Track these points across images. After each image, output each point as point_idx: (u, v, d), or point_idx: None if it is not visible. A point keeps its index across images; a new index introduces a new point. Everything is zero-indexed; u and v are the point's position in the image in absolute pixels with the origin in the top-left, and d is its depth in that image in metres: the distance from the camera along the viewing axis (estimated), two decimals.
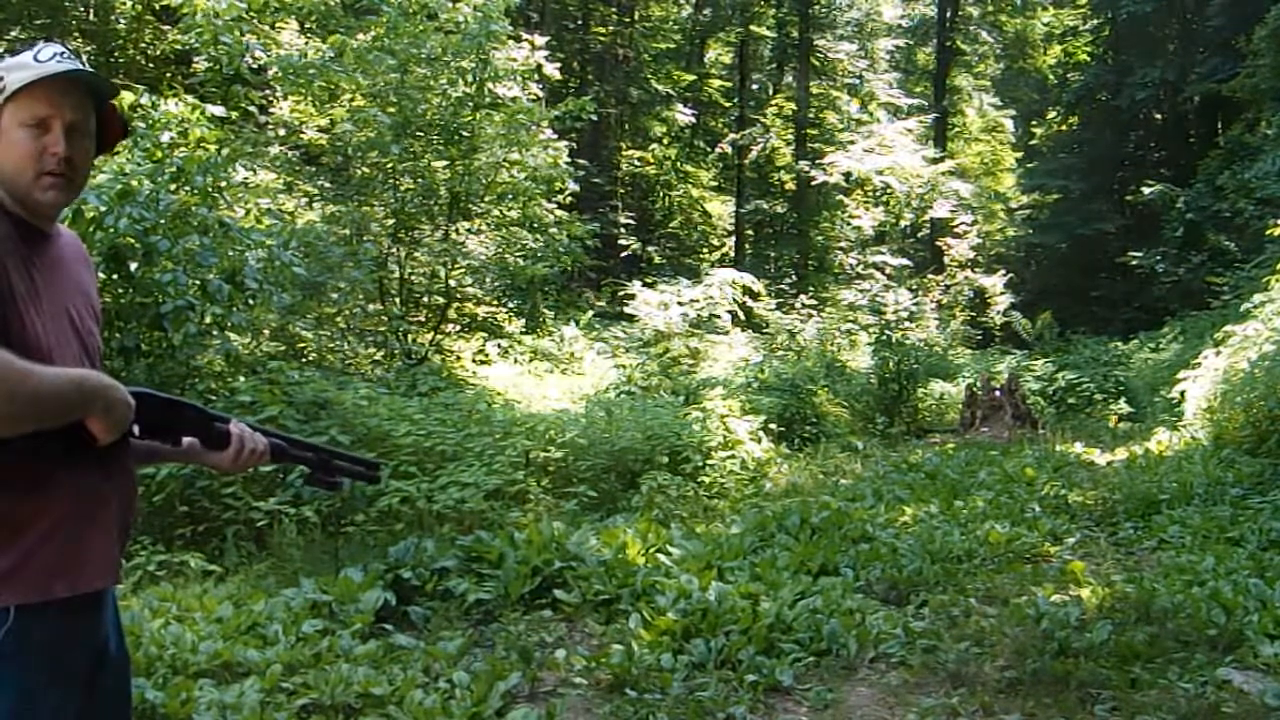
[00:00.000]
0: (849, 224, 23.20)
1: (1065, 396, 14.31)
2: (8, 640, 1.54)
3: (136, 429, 1.71)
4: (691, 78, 26.21)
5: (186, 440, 1.84)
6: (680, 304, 15.13)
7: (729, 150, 25.46)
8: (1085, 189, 26.72)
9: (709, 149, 26.71)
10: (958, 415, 12.95)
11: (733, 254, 24.74)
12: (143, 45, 13.71)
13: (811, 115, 24.65)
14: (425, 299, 11.87)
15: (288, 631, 4.07)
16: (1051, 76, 30.71)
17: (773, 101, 26.22)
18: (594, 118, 13.64)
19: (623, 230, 21.68)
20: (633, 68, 24.23)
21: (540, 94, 12.21)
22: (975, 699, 3.77)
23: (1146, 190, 23.03)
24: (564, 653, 4.15)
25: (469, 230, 11.64)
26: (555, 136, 11.78)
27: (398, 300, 11.21)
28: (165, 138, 6.84)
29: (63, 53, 1.70)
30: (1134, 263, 22.04)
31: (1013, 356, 18.58)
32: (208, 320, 6.55)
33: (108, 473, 1.69)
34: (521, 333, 13.46)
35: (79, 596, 1.63)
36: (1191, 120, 27.14)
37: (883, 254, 22.56)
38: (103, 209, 5.81)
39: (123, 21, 13.58)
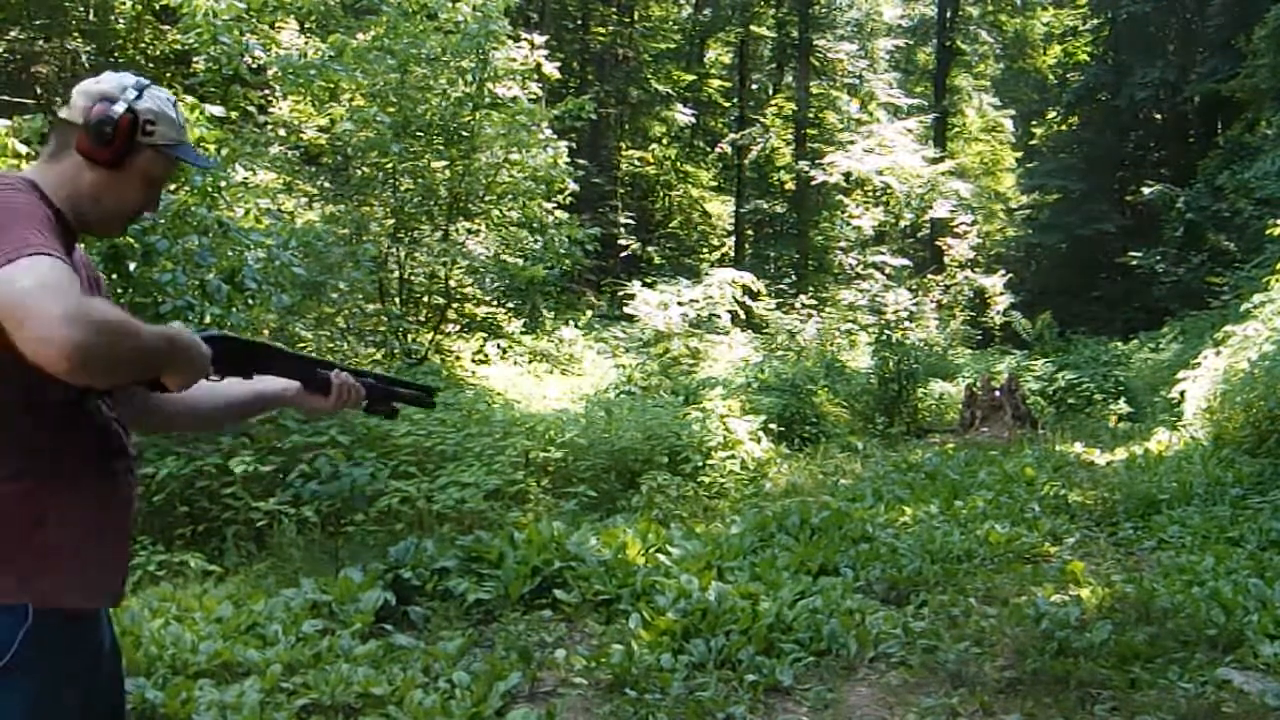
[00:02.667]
0: (849, 224, 23.20)
1: (1065, 396, 14.30)
2: (25, 645, 1.54)
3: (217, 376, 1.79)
4: (691, 78, 26.22)
5: (283, 384, 1.93)
6: (680, 304, 15.14)
7: (729, 150, 25.47)
8: (1085, 189, 26.71)
9: (709, 149, 26.72)
10: (958, 415, 12.94)
11: (733, 254, 24.75)
12: (143, 45, 13.70)
13: (811, 115, 24.65)
14: (425, 299, 11.88)
15: (288, 631, 4.07)
16: (1051, 76, 30.72)
17: (773, 101, 26.24)
18: (593, 117, 13.62)
19: (623, 230, 21.69)
20: (633, 68, 24.24)
21: (540, 93, 12.21)
22: (975, 699, 3.77)
23: (1146, 190, 23.04)
24: (564, 653, 4.14)
25: (469, 230, 11.64)
26: (555, 136, 11.78)
27: (397, 300, 11.21)
28: None
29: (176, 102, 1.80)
30: (1134, 263, 22.04)
31: (1013, 356, 18.57)
32: (207, 320, 6.54)
33: (130, 481, 1.74)
34: (521, 333, 13.46)
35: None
36: (1191, 120, 27.13)
37: (883, 254, 22.56)
38: None
39: (123, 21, 13.57)
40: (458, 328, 11.99)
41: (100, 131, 1.67)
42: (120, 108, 1.68)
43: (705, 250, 26.62)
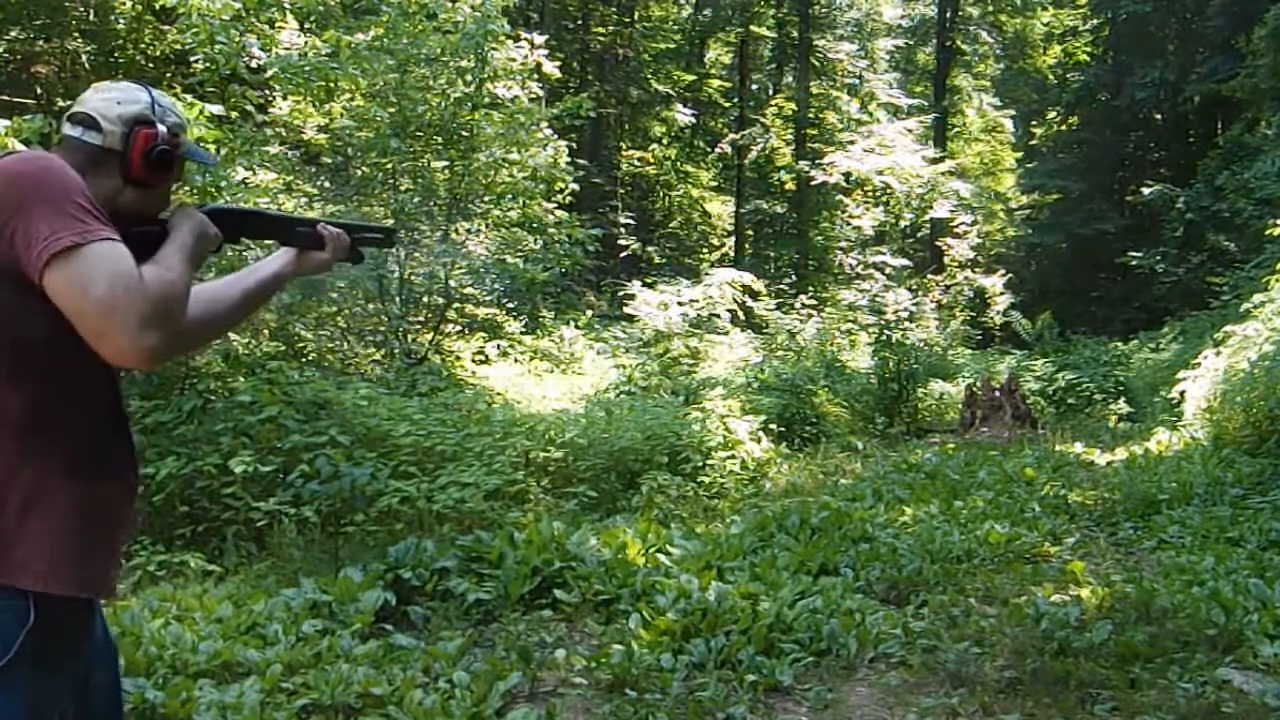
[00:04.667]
0: (849, 224, 23.20)
1: (1065, 396, 14.30)
2: (26, 643, 1.54)
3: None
4: (691, 78, 26.21)
5: (281, 261, 1.95)
6: (680, 304, 15.13)
7: (729, 150, 25.46)
8: (1085, 189, 26.70)
9: (709, 149, 26.72)
10: (958, 415, 12.94)
11: (733, 254, 24.75)
12: (142, 45, 13.69)
13: (811, 115, 24.66)
14: (425, 299, 11.87)
15: (288, 631, 4.07)
16: (1051, 76, 30.69)
17: (773, 101, 26.23)
18: (592, 115, 13.59)
19: (623, 230, 21.68)
20: (633, 68, 24.24)
21: (540, 93, 12.20)
22: (975, 699, 3.77)
23: (1146, 190, 23.03)
24: (564, 653, 4.14)
25: (469, 231, 11.64)
26: (554, 135, 11.77)
27: (398, 300, 11.20)
28: None
29: None
30: (1134, 263, 22.03)
31: (1013, 356, 18.57)
32: None
33: (134, 470, 1.76)
34: (521, 333, 13.45)
35: (85, 599, 1.66)
36: (1191, 120, 27.12)
37: (883, 254, 22.56)
38: None
39: (122, 21, 13.56)
40: (458, 328, 11.98)
41: (160, 161, 1.71)
42: (163, 130, 1.72)
43: (705, 250, 26.62)
